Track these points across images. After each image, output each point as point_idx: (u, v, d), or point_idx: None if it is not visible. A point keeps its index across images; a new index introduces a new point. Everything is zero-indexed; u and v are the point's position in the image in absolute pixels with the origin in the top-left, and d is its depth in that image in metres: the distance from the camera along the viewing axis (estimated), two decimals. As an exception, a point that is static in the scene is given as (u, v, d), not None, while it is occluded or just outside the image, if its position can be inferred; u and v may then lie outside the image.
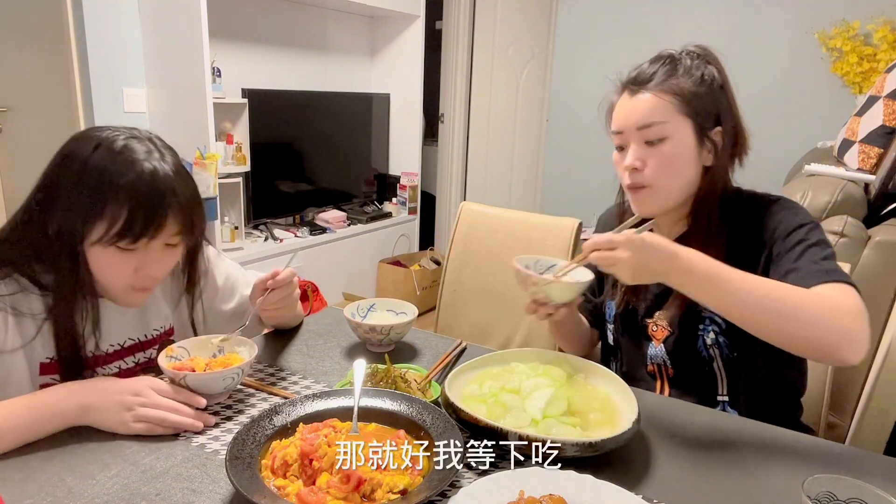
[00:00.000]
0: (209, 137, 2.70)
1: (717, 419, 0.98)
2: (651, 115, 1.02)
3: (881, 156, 1.99)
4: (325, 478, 0.72)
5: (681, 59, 1.05)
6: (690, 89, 1.02)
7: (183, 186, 0.93)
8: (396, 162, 4.03)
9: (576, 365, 1.02)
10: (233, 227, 2.97)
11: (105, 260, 0.92)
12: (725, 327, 1.05)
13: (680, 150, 1.02)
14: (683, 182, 1.05)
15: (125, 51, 2.72)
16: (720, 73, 1.05)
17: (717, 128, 1.04)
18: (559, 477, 0.75)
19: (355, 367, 0.92)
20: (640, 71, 1.06)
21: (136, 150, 0.91)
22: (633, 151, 1.04)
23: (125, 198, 0.88)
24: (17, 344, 0.92)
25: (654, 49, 1.11)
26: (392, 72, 3.94)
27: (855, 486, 0.66)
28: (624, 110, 1.06)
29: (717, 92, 1.03)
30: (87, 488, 0.74)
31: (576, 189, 4.31)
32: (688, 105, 1.01)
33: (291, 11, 3.38)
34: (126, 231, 0.88)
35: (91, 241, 0.90)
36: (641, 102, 1.03)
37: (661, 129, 1.02)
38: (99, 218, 0.88)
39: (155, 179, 0.90)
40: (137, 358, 1.06)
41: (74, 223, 0.89)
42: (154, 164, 0.91)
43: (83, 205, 0.88)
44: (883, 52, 3.10)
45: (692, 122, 1.02)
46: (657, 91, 1.02)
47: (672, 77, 1.03)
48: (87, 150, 0.90)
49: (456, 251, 1.77)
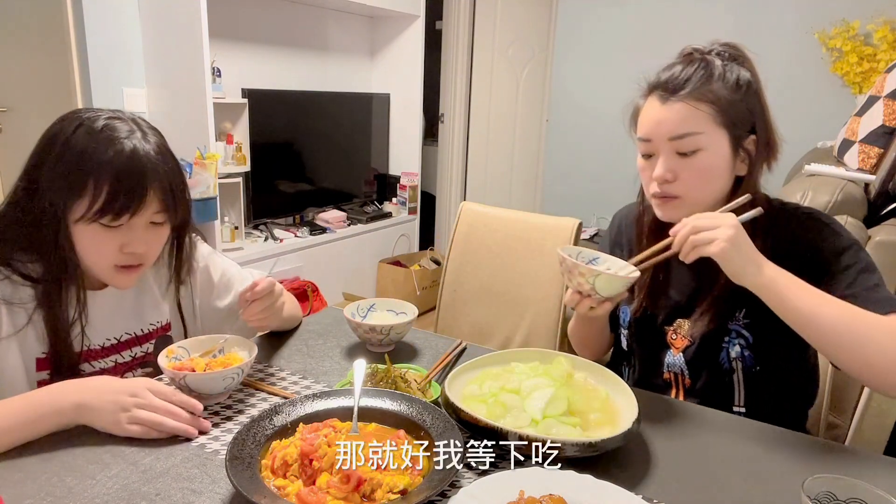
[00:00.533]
0: (209, 137, 2.70)
1: (717, 419, 0.98)
2: (685, 126, 0.96)
3: (881, 156, 1.99)
4: (325, 478, 0.72)
5: (714, 63, 0.98)
6: (726, 97, 0.96)
7: (164, 165, 0.95)
8: (396, 162, 4.03)
9: (576, 365, 1.02)
10: (233, 227, 2.97)
11: (89, 237, 0.93)
12: (752, 341, 1.02)
13: (714, 161, 0.97)
14: (715, 193, 1.01)
15: (125, 51, 2.72)
16: (753, 75, 0.99)
17: (752, 136, 0.99)
18: (559, 477, 0.75)
19: (355, 367, 0.92)
20: (672, 75, 0.99)
21: (118, 128, 0.93)
22: (664, 162, 0.99)
23: (106, 174, 0.89)
24: (9, 332, 0.92)
25: (653, 49, 1.10)
26: (392, 72, 3.94)
27: (855, 486, 0.66)
28: (653, 118, 1.00)
29: (752, 97, 0.98)
30: (87, 488, 0.74)
31: (576, 189, 4.31)
32: (724, 115, 0.96)
33: (291, 11, 3.38)
34: (107, 207, 0.90)
35: (74, 219, 0.91)
36: (674, 112, 0.97)
37: (695, 141, 0.96)
38: (81, 195, 0.90)
39: (135, 156, 0.91)
40: (134, 352, 1.06)
41: (57, 202, 0.91)
42: (135, 142, 0.92)
43: (65, 183, 0.90)
44: (883, 52, 3.10)
45: (728, 133, 0.97)
46: (691, 100, 0.96)
47: (707, 83, 0.97)
48: (69, 130, 0.92)
49: (456, 251, 1.77)
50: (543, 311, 1.65)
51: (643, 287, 1.13)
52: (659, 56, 1.09)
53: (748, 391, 1.05)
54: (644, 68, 1.09)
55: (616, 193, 1.24)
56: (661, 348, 1.12)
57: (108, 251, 0.95)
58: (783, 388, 1.06)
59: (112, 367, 1.03)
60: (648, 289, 1.12)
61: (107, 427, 0.85)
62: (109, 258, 0.95)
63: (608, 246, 1.24)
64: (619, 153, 4.08)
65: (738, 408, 1.06)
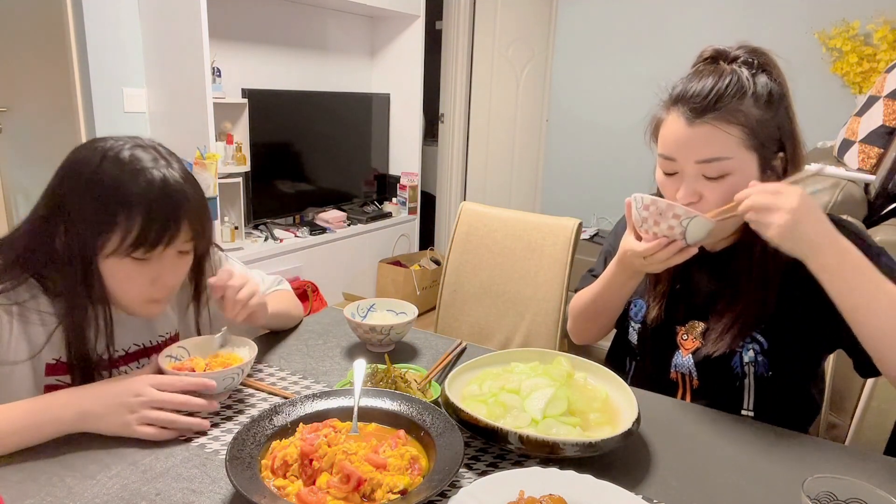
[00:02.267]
0: (209, 137, 2.70)
1: (717, 419, 0.98)
2: (712, 151, 0.91)
3: (881, 156, 1.99)
4: (325, 478, 0.72)
5: (743, 77, 0.92)
6: (757, 117, 0.91)
7: (193, 192, 0.93)
8: (396, 162, 4.03)
9: (576, 365, 1.02)
10: (233, 227, 2.97)
11: (121, 272, 0.91)
12: (768, 347, 1.01)
13: (742, 184, 0.91)
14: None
15: (125, 51, 2.72)
16: (782, 85, 0.94)
17: (780, 154, 0.95)
18: (559, 477, 0.75)
19: (355, 367, 0.92)
20: (699, 91, 0.92)
21: (143, 158, 0.90)
22: (689, 185, 0.94)
23: (138, 207, 0.87)
24: (21, 353, 0.91)
25: (654, 49, 1.09)
26: (392, 72, 3.94)
27: (855, 486, 0.66)
28: (678, 138, 0.94)
29: (781, 112, 0.93)
30: (87, 488, 0.74)
31: (576, 189, 4.30)
32: (753, 137, 0.91)
33: (291, 11, 3.38)
34: (141, 241, 0.88)
35: (105, 254, 0.89)
36: (701, 134, 0.91)
37: (724, 166, 0.91)
38: (112, 230, 0.87)
39: (167, 187, 0.89)
40: (142, 363, 1.06)
41: (86, 236, 0.88)
42: (163, 171, 0.90)
43: (95, 217, 0.87)
44: (883, 52, 3.10)
45: (757, 155, 0.92)
46: (721, 122, 0.90)
47: (737, 102, 0.91)
48: (94, 162, 0.89)
49: (456, 251, 1.77)
50: (543, 311, 1.65)
51: (661, 295, 1.10)
52: (659, 56, 1.09)
53: (758, 396, 1.03)
54: (644, 68, 1.08)
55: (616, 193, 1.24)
56: (670, 348, 1.10)
57: (141, 285, 0.93)
58: (793, 395, 1.05)
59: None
60: (667, 297, 1.09)
61: (116, 431, 0.84)
62: (141, 292, 0.94)
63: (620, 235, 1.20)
64: (619, 153, 4.08)
65: (746, 411, 1.04)
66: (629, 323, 1.17)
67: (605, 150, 4.10)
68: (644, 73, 3.73)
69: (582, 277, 1.29)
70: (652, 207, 0.92)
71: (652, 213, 0.92)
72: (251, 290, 1.03)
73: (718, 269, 1.05)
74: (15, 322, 0.91)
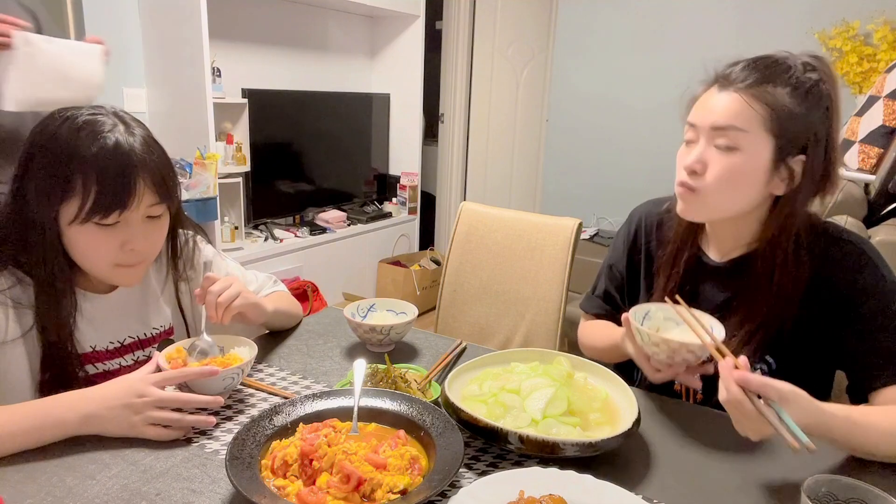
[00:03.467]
0: (209, 137, 2.69)
1: (717, 419, 0.98)
2: (730, 118, 0.90)
3: (881, 156, 2.00)
4: (325, 478, 0.72)
5: (792, 65, 0.91)
6: (787, 104, 0.88)
7: (150, 156, 0.93)
8: (396, 162, 4.03)
9: (576, 365, 1.02)
10: (233, 227, 2.97)
11: (86, 239, 0.91)
12: (776, 368, 1.00)
13: (749, 167, 0.90)
14: (740, 201, 0.94)
15: (125, 51, 2.72)
16: (831, 98, 0.90)
17: (801, 156, 0.91)
18: (559, 477, 0.75)
19: (355, 367, 0.92)
20: (741, 66, 0.93)
21: (101, 122, 0.91)
22: (700, 151, 0.93)
23: (91, 171, 0.87)
24: (16, 334, 0.92)
25: (654, 49, 1.08)
26: (392, 72, 3.94)
27: (855, 486, 0.66)
28: (705, 102, 0.94)
29: (818, 118, 0.90)
30: (87, 488, 0.74)
31: (575, 189, 4.30)
32: (776, 122, 0.88)
33: (291, 11, 3.38)
34: (97, 205, 0.88)
35: (68, 222, 0.90)
36: (726, 101, 0.91)
37: (736, 138, 0.90)
38: (69, 196, 0.88)
39: (120, 149, 0.89)
40: (137, 356, 1.06)
41: (46, 204, 0.89)
42: (118, 136, 0.90)
43: (52, 185, 0.88)
44: (883, 52, 3.10)
45: (773, 142, 0.89)
46: (748, 94, 0.89)
47: (772, 83, 0.89)
48: (51, 130, 0.90)
49: (456, 251, 1.77)
50: (543, 311, 1.65)
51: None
52: (659, 56, 1.09)
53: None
54: (644, 68, 1.08)
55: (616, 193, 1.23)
56: None
57: (108, 250, 0.93)
58: None
59: (116, 370, 1.03)
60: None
61: (122, 433, 0.84)
62: (109, 257, 0.93)
63: (622, 246, 1.19)
64: (618, 153, 4.08)
65: None
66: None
67: (605, 150, 4.10)
68: (644, 74, 3.74)
69: (586, 297, 1.28)
70: (663, 346, 0.88)
71: (663, 350, 0.88)
72: (234, 291, 1.02)
73: (727, 279, 1.03)
74: (10, 309, 0.92)
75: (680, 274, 1.07)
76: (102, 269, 0.96)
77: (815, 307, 0.95)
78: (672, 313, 0.96)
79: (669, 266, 1.08)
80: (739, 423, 0.79)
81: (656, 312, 0.98)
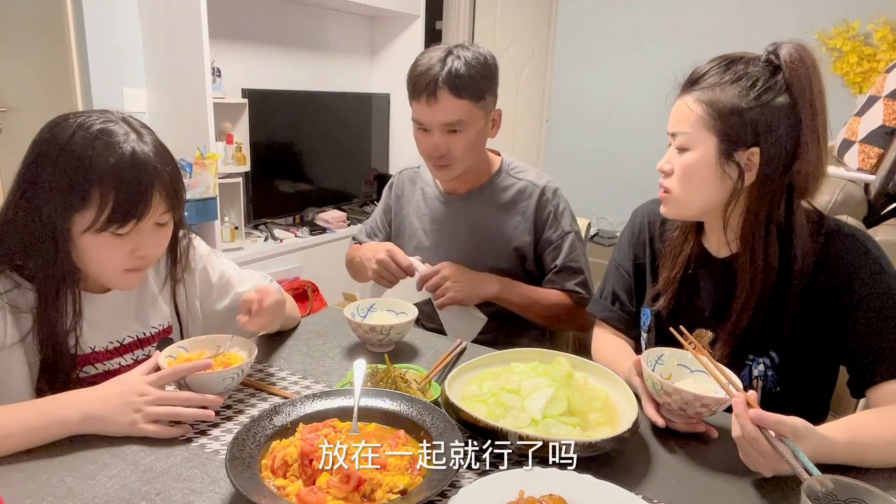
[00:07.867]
0: (209, 137, 2.70)
1: (717, 419, 0.98)
2: (677, 123, 0.98)
3: (881, 156, 2.00)
4: (325, 478, 0.72)
5: (748, 61, 0.94)
6: (727, 102, 0.92)
7: (164, 165, 0.93)
8: (396, 162, 4.03)
9: (576, 365, 1.02)
10: (233, 227, 2.97)
11: (99, 246, 0.91)
12: (779, 363, 1.00)
13: (700, 164, 0.96)
14: (704, 197, 0.99)
15: (125, 51, 2.72)
16: (791, 88, 0.91)
17: (753, 148, 0.93)
18: (559, 477, 0.75)
19: (355, 367, 0.92)
20: (694, 71, 0.99)
21: (114, 132, 0.91)
22: (667, 154, 1.02)
23: (110, 182, 0.88)
24: (15, 339, 0.92)
25: (653, 49, 1.10)
26: (392, 72, 3.94)
27: (855, 486, 0.66)
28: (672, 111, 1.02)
29: (777, 107, 0.91)
30: (87, 488, 0.74)
31: (575, 189, 4.30)
32: (716, 119, 0.93)
33: (291, 11, 3.38)
34: (115, 215, 0.88)
35: (81, 230, 0.90)
36: (676, 106, 1.00)
37: (685, 140, 0.97)
38: (85, 206, 0.88)
39: (136, 160, 0.90)
40: (136, 355, 1.06)
41: (58, 213, 0.89)
42: (133, 145, 0.90)
43: (67, 193, 0.88)
44: (883, 52, 3.11)
45: (717, 140, 0.94)
46: (690, 97, 0.96)
47: (717, 84, 0.94)
48: (64, 138, 0.89)
49: (456, 251, 1.76)
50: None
51: (667, 303, 1.09)
52: (659, 56, 1.10)
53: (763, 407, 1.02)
54: (644, 68, 1.09)
55: (616, 193, 1.24)
56: None
57: (119, 257, 0.93)
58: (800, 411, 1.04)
59: (116, 370, 1.03)
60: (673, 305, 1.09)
61: (123, 432, 0.85)
62: (120, 264, 0.94)
63: (628, 246, 1.21)
64: (618, 153, 4.08)
65: None
66: (639, 332, 1.18)
67: (605, 150, 4.11)
68: (644, 73, 3.74)
69: (594, 300, 1.28)
70: (675, 396, 0.87)
71: (676, 401, 0.88)
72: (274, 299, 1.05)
73: (725, 273, 1.04)
74: (8, 314, 0.91)
75: (681, 267, 1.08)
76: (112, 275, 0.96)
77: (815, 301, 0.95)
78: (685, 358, 0.96)
79: (672, 259, 1.10)
80: (752, 458, 0.78)
81: (670, 358, 0.98)
